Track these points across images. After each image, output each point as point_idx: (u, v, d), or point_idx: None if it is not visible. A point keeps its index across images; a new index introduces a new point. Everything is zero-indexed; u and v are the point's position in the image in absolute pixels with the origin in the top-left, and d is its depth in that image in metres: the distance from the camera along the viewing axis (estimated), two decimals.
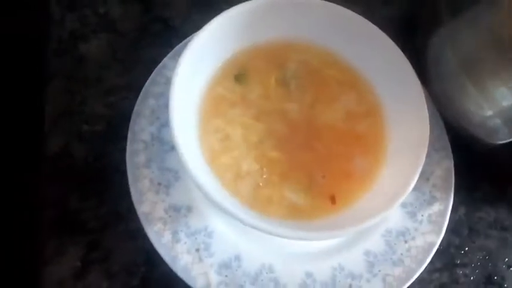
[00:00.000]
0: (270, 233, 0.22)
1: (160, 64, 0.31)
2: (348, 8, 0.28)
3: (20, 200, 0.30)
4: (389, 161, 0.27)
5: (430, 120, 0.28)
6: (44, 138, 0.31)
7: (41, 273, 0.28)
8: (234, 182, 0.25)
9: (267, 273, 0.27)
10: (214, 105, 0.27)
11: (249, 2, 0.27)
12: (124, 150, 0.28)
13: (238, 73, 0.28)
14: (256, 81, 0.28)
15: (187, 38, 0.31)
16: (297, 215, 0.25)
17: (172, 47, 0.31)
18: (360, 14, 0.28)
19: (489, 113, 0.28)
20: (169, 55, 0.31)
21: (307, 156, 0.26)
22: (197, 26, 0.28)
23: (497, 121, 0.28)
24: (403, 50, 0.27)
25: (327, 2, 0.28)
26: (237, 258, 0.27)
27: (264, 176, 0.26)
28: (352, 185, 0.26)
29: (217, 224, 0.27)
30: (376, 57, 0.27)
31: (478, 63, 0.28)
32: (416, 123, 0.26)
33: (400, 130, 0.27)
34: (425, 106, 0.26)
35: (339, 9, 0.27)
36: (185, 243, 0.26)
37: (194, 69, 0.26)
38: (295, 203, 0.26)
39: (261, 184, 0.25)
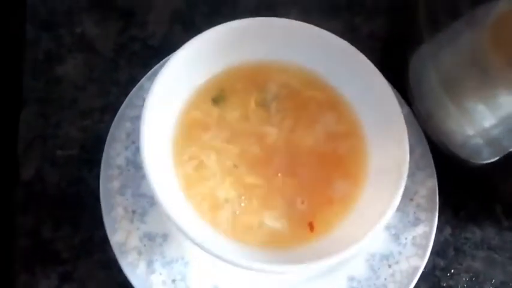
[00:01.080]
0: (248, 269, 0.22)
1: (137, 85, 0.30)
2: (330, 26, 0.27)
3: None
4: (370, 183, 0.26)
5: (413, 139, 0.28)
6: (17, 163, 0.30)
7: None
8: (210, 211, 0.24)
9: None
10: (190, 130, 0.26)
11: (228, 23, 0.27)
12: (98, 175, 0.27)
13: (216, 95, 0.27)
14: (234, 103, 0.27)
15: (165, 59, 0.30)
16: (276, 243, 0.24)
17: (150, 67, 0.30)
18: (342, 33, 0.27)
19: (471, 132, 0.28)
20: (146, 76, 0.30)
21: (286, 181, 0.26)
22: (177, 46, 0.27)
23: (479, 141, 0.28)
24: (385, 68, 0.27)
25: (305, 24, 0.27)
26: None
27: (242, 204, 0.25)
28: (332, 210, 0.25)
29: (194, 253, 0.26)
30: (355, 78, 0.27)
31: (458, 82, 0.27)
32: (397, 146, 0.25)
33: (380, 152, 0.26)
34: (405, 129, 0.25)
35: (318, 31, 0.27)
36: (160, 273, 0.26)
37: (170, 92, 0.25)
38: (274, 230, 0.25)
39: (237, 212, 0.25)
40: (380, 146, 0.26)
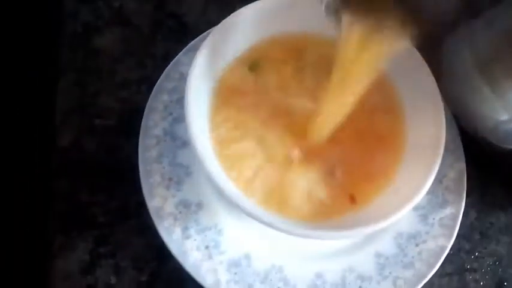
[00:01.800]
0: (287, 232, 0.22)
1: (174, 59, 0.30)
2: None
3: (30, 192, 0.30)
4: (408, 160, 0.26)
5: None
6: (55, 131, 0.31)
7: (49, 267, 0.27)
8: (248, 179, 0.25)
9: (276, 272, 0.27)
10: (227, 96, 0.26)
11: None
12: (135, 145, 0.28)
13: (252, 63, 0.28)
14: (270, 71, 0.28)
15: (202, 35, 0.31)
16: (315, 214, 0.25)
17: (185, 43, 0.31)
18: None
19: (504, 117, 0.28)
20: (183, 51, 0.31)
21: (324, 152, 0.26)
22: (211, 24, 0.28)
23: (511, 126, 0.28)
24: (419, 50, 0.27)
25: None
26: (247, 256, 0.27)
27: (280, 171, 0.25)
28: (372, 184, 0.26)
29: (228, 222, 0.27)
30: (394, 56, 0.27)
31: (495, 66, 0.27)
32: (433, 125, 0.26)
33: (418, 130, 0.26)
34: (442, 108, 0.25)
35: None
36: (195, 240, 0.26)
37: (209, 64, 0.26)
38: (313, 200, 0.25)
39: (276, 180, 0.25)
40: (418, 123, 0.26)
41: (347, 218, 0.24)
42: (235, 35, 0.27)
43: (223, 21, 0.26)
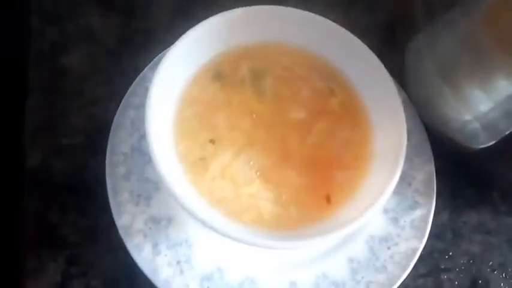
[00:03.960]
0: (258, 246, 0.22)
1: (141, 74, 0.30)
2: (330, 15, 0.28)
3: (0, 214, 0.30)
4: (372, 168, 0.26)
5: (410, 125, 0.28)
6: (23, 151, 0.30)
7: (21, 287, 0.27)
8: (215, 191, 0.25)
9: (249, 284, 0.27)
10: (190, 108, 0.27)
11: (228, 12, 0.27)
12: (104, 162, 0.28)
13: (214, 75, 0.28)
14: (232, 82, 0.28)
15: (167, 49, 0.31)
16: (284, 223, 0.25)
17: (153, 57, 0.31)
18: (341, 22, 0.28)
19: (467, 117, 0.29)
20: (149, 65, 0.31)
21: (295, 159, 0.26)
22: (178, 37, 0.28)
23: (476, 125, 0.28)
24: (383, 55, 0.27)
25: (307, 13, 0.28)
26: (219, 269, 0.27)
27: (250, 184, 0.25)
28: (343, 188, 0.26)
29: (198, 235, 0.27)
30: (356, 63, 0.28)
31: (455, 67, 0.28)
32: (395, 128, 0.26)
33: (382, 134, 0.27)
34: (402, 111, 0.26)
35: (319, 19, 0.28)
36: (166, 255, 0.26)
37: (172, 76, 0.26)
38: (281, 208, 0.25)
39: (244, 191, 0.25)
40: (382, 129, 0.27)
41: (317, 225, 0.24)
42: (199, 46, 0.27)
43: (187, 32, 0.26)
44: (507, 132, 0.28)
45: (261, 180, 0.26)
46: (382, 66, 0.27)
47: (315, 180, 0.26)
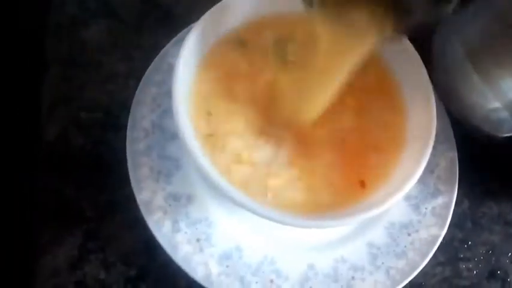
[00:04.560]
0: (285, 223, 0.22)
1: (162, 51, 0.30)
2: None
3: (16, 187, 0.29)
4: (405, 152, 0.26)
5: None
6: (41, 125, 0.30)
7: (37, 262, 0.27)
8: (241, 169, 0.24)
9: (268, 264, 0.26)
10: (213, 73, 0.26)
11: None
12: (123, 138, 0.28)
13: (241, 42, 0.27)
14: (256, 49, 0.27)
15: (190, 25, 0.30)
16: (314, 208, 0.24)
17: (173, 34, 0.30)
18: None
19: (495, 105, 0.28)
20: (171, 42, 0.30)
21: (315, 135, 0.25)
22: (198, 14, 0.27)
23: (504, 113, 0.28)
24: (410, 38, 0.27)
25: None
26: (238, 249, 0.26)
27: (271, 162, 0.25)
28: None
29: (218, 214, 0.27)
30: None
31: (486, 53, 0.27)
32: (425, 116, 0.25)
33: (413, 121, 0.26)
34: (433, 100, 0.25)
35: None
36: (185, 233, 0.26)
37: (199, 45, 0.25)
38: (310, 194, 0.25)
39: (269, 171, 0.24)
40: (413, 114, 0.26)
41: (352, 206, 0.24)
42: (226, 17, 0.26)
43: (215, 6, 0.26)
44: None
45: (286, 162, 0.25)
46: (411, 45, 0.26)
47: (348, 162, 0.25)
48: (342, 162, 0.25)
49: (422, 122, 0.25)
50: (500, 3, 0.26)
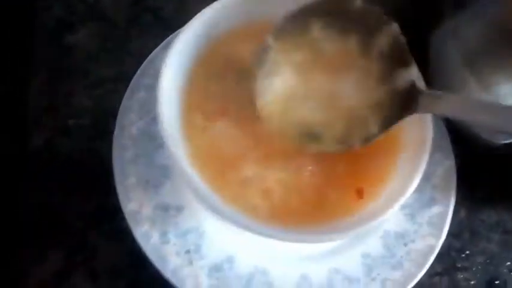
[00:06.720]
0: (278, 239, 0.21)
1: (151, 55, 0.29)
2: None
3: (1, 197, 0.28)
4: (400, 160, 0.25)
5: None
6: (28, 132, 0.29)
7: (23, 275, 0.26)
8: (231, 183, 0.24)
9: (260, 276, 0.26)
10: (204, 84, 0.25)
11: None
12: (110, 146, 0.27)
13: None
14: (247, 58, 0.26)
15: (179, 30, 0.30)
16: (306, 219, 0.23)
17: (163, 38, 0.30)
18: None
19: None
20: (160, 46, 0.29)
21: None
22: (188, 18, 0.26)
23: None
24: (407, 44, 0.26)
25: None
26: (229, 260, 0.26)
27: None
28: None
29: (209, 225, 0.26)
30: None
31: (482, 58, 0.26)
32: (420, 124, 0.25)
33: (408, 130, 0.25)
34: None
35: None
36: (174, 244, 0.25)
37: (184, 60, 0.25)
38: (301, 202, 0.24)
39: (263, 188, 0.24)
40: (408, 123, 0.25)
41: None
42: (216, 21, 0.25)
43: (205, 9, 0.25)
44: None
45: (277, 174, 0.24)
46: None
47: (343, 172, 0.24)
48: (336, 172, 0.24)
49: (418, 129, 0.25)
50: (496, 8, 0.25)
